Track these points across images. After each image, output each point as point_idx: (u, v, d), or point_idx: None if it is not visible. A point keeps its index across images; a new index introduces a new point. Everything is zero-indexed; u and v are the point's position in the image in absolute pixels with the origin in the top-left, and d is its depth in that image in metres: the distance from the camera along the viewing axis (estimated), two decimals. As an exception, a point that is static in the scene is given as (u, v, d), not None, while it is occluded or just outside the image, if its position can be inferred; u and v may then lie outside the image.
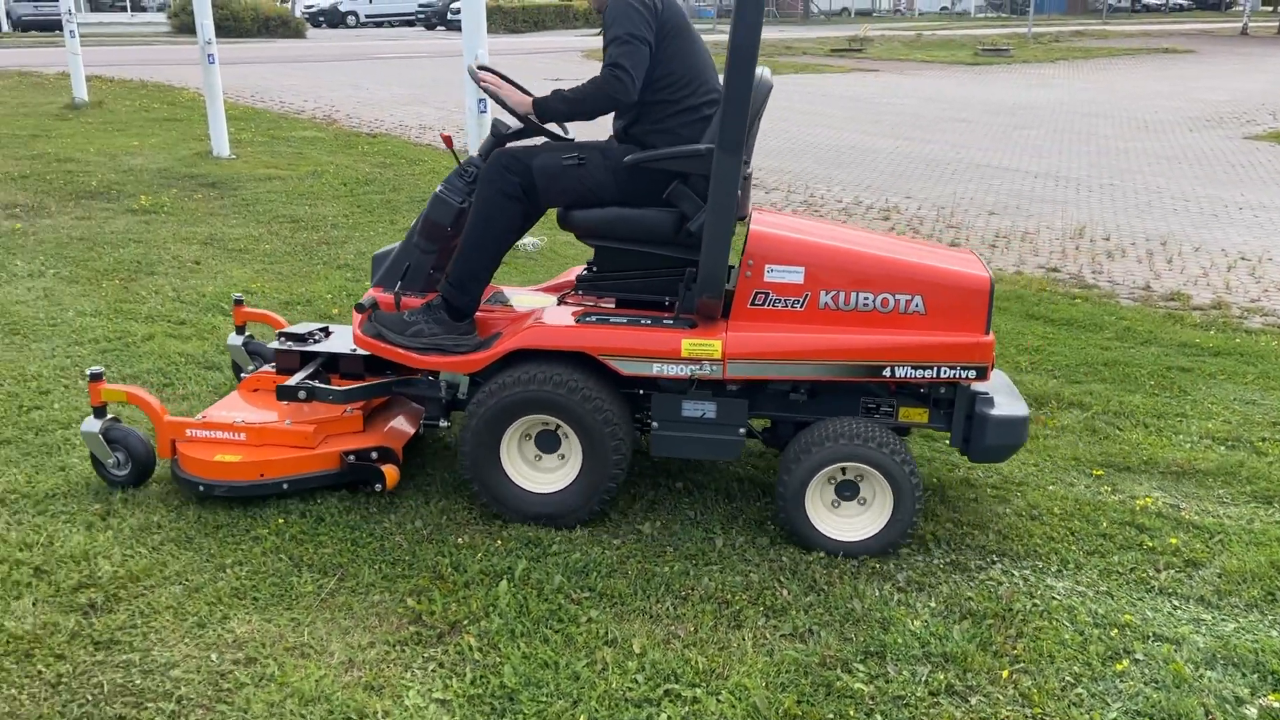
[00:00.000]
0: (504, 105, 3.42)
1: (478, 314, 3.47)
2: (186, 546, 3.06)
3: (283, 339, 3.79)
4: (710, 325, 3.21)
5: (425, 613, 2.78)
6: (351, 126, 12.76)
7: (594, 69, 3.48)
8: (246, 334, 4.15)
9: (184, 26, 35.29)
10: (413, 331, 3.37)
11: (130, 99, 14.15)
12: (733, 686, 2.52)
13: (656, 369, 3.17)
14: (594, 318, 3.32)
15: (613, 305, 3.49)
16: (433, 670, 2.57)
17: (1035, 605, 2.91)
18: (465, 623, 2.75)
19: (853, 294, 3.14)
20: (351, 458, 3.38)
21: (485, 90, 3.45)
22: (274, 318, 4.16)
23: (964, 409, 3.27)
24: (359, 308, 3.50)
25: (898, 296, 3.13)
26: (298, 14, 40.08)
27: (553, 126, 3.56)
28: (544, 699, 2.46)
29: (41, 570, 2.89)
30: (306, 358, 3.72)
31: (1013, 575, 3.08)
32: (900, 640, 2.71)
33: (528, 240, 6.79)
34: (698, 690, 2.51)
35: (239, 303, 4.15)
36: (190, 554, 3.02)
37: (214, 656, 2.58)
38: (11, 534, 3.06)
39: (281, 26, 35.27)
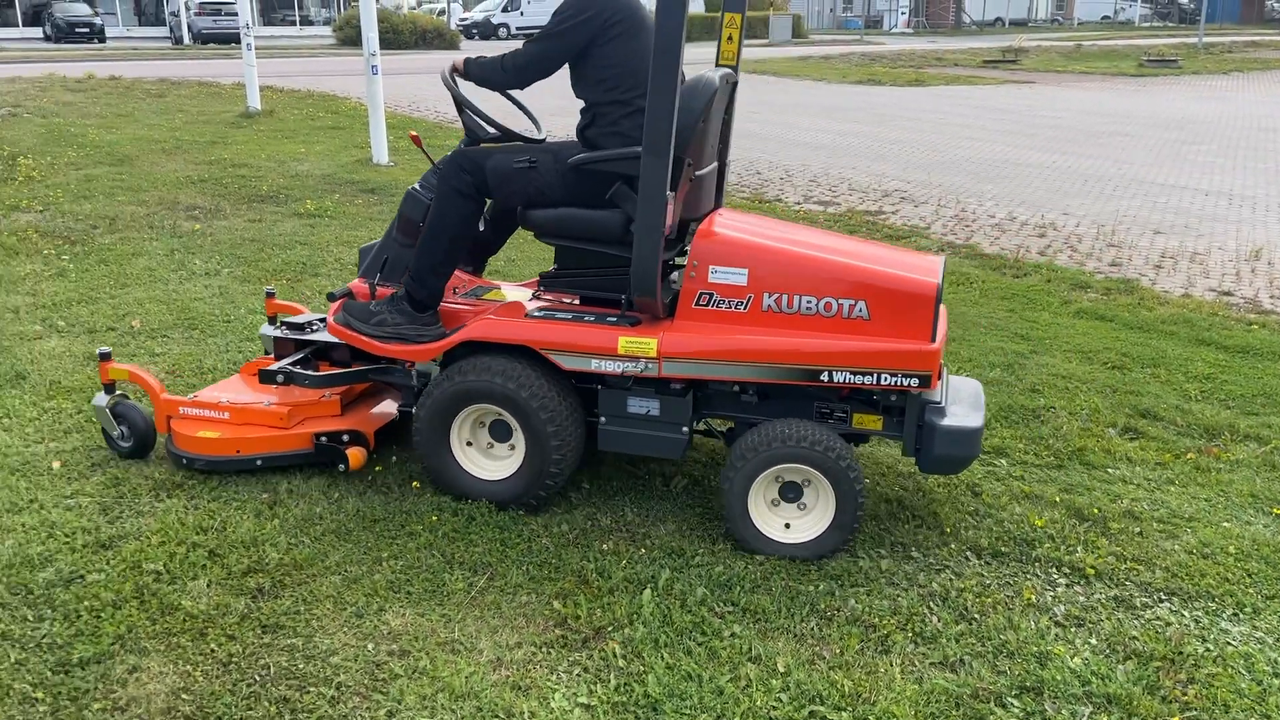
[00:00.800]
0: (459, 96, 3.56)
1: (451, 306, 3.63)
2: (346, 539, 3.18)
3: (283, 327, 4.01)
4: (654, 324, 3.25)
5: (570, 616, 2.82)
6: (502, 136, 13.09)
7: (743, 80, 3.49)
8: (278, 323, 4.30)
9: (347, 39, 36.96)
10: (376, 321, 3.56)
11: (298, 108, 14.90)
12: (880, 713, 2.46)
13: (595, 364, 3.25)
14: (541, 313, 3.42)
15: (576, 302, 3.55)
16: (578, 674, 2.60)
17: (1208, 650, 2.74)
18: (610, 629, 2.77)
19: (796, 297, 3.14)
20: (323, 439, 3.57)
21: (454, 95, 3.54)
22: (298, 308, 4.37)
23: (914, 418, 3.20)
24: (331, 297, 3.76)
25: (841, 301, 3.12)
26: (453, 27, 41.51)
27: (531, 130, 3.71)
28: (687, 711, 2.46)
29: (215, 554, 3.05)
30: (301, 345, 3.92)
31: (1182, 616, 2.91)
32: (1059, 677, 2.60)
33: (672, 250, 6.82)
34: (843, 714, 2.46)
35: (270, 295, 4.36)
36: (349, 546, 3.14)
37: (370, 646, 2.67)
38: (189, 518, 3.25)
39: (437, 39, 36.57)
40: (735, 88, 3.61)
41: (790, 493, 3.19)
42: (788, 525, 3.19)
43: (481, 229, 3.74)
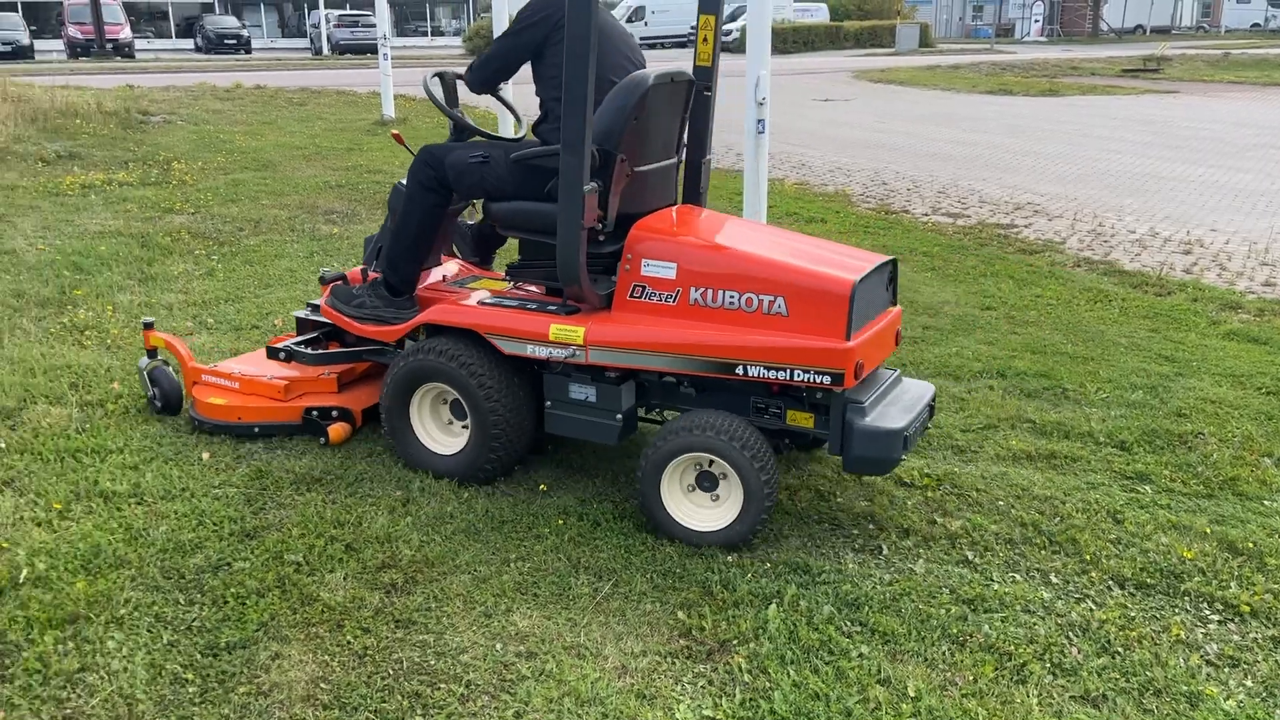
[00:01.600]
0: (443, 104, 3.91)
1: (432, 293, 3.87)
2: (475, 538, 3.24)
3: (307, 308, 4.34)
4: (591, 314, 3.39)
5: (695, 627, 2.80)
6: (626, 145, 13.21)
7: (864, 89, 3.45)
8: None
9: (476, 50, 37.83)
10: (356, 304, 3.89)
11: (430, 116, 15.32)
12: (1016, 745, 2.38)
13: (530, 349, 3.43)
14: (493, 300, 3.65)
15: (542, 291, 3.71)
16: (703, 686, 2.58)
17: (1378, 701, 2.56)
18: (735, 642, 2.74)
19: (720, 292, 3.22)
20: (314, 413, 3.90)
21: (429, 95, 3.85)
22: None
23: (838, 416, 3.20)
24: (322, 280, 4.16)
25: (761, 297, 3.17)
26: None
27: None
28: (814, 731, 2.42)
29: (351, 548, 3.15)
30: (318, 325, 4.23)
31: (1348, 663, 2.72)
32: (1210, 720, 2.46)
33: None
34: (977, 744, 2.38)
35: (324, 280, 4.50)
36: (478, 546, 3.20)
37: (499, 646, 2.71)
38: (328, 511, 3.36)
39: (562, 49, 37.07)
40: (692, 87, 3.68)
41: (706, 482, 3.27)
42: (700, 512, 3.28)
43: (484, 221, 4.01)
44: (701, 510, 3.28)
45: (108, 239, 7.04)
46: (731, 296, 3.21)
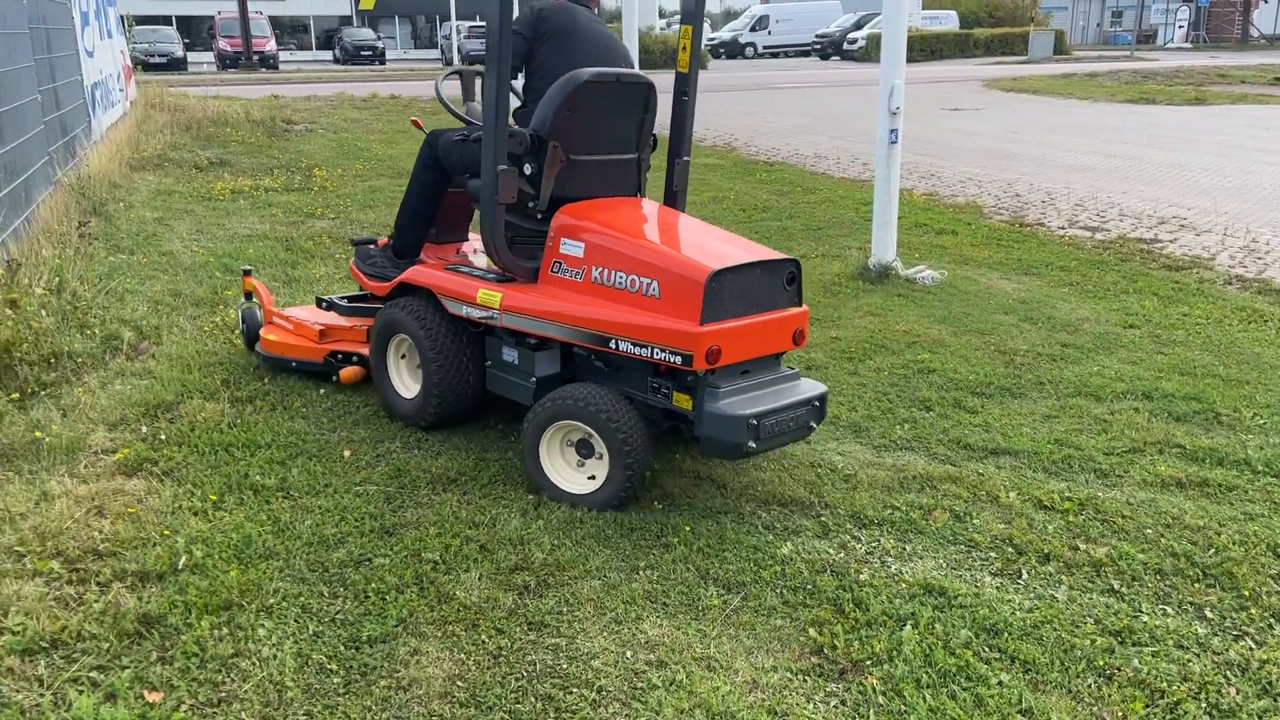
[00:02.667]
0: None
1: (439, 258, 4.36)
2: (605, 544, 3.27)
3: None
4: (521, 284, 3.78)
5: (827, 645, 2.76)
6: (750, 155, 13.18)
7: (995, 97, 3.35)
8: None
9: (600, 59, 38.22)
10: (370, 262, 4.55)
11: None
12: (1170, 788, 2.26)
13: (464, 310, 3.88)
14: (456, 267, 4.12)
15: None
16: (835, 706, 2.54)
17: None
18: (868, 663, 2.69)
19: (613, 272, 3.51)
20: (337, 357, 4.57)
21: (436, 94, 4.41)
22: None
23: (698, 398, 3.40)
24: (353, 243, 4.85)
25: (641, 279, 3.44)
26: (701, 46, 42.08)
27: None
28: (952, 759, 2.35)
29: (486, 548, 3.22)
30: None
31: None
32: (1387, 774, 2.30)
33: (927, 273, 6.62)
34: (1127, 784, 2.28)
35: (353, 243, 5.26)
36: (608, 552, 3.22)
37: (629, 654, 2.73)
38: (463, 512, 3.44)
39: (686, 58, 37.23)
40: (649, 90, 3.96)
41: (584, 449, 3.56)
42: (573, 475, 3.59)
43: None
44: (573, 473, 3.60)
45: (255, 242, 7.38)
46: (621, 277, 3.51)
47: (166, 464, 3.74)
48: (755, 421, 3.30)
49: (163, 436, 3.96)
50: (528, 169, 3.71)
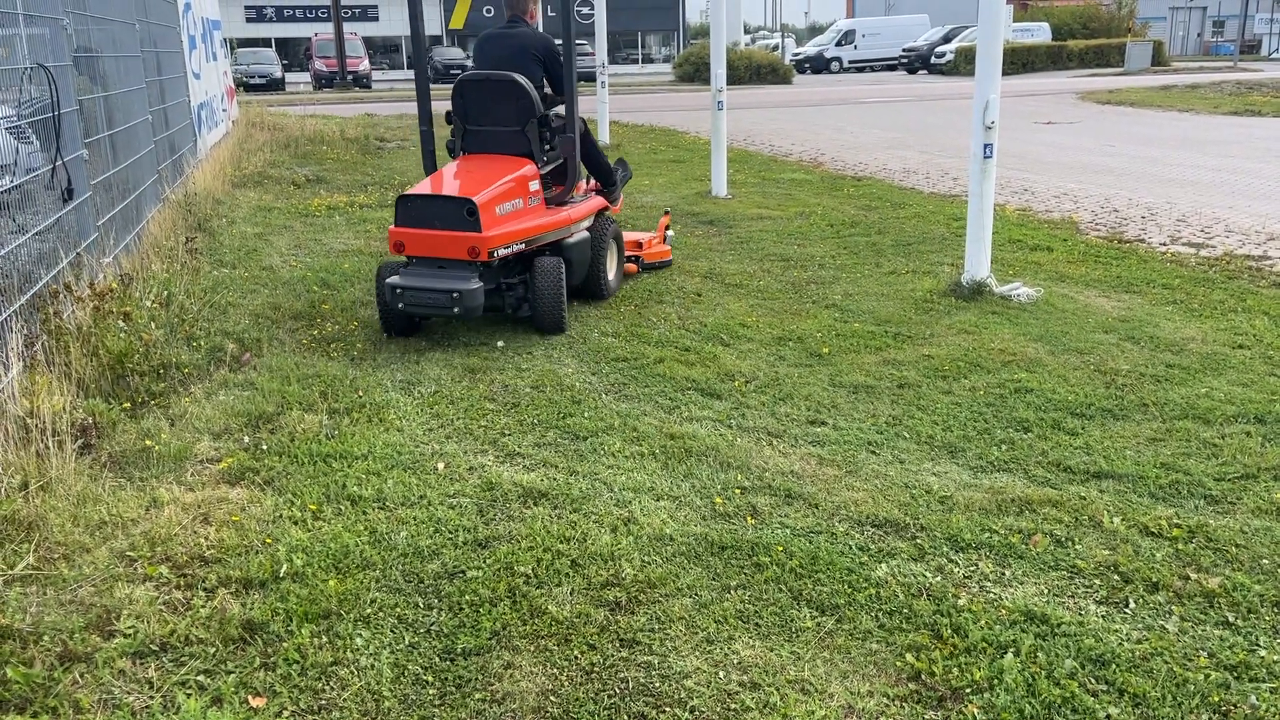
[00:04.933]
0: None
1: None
2: (696, 562, 3.25)
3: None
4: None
5: (925, 672, 2.70)
6: (837, 169, 13.06)
7: (1090, 110, 3.23)
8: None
9: (685, 76, 38.43)
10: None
11: (641, 142, 15.69)
12: (1294, 834, 2.15)
13: None
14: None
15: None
16: (934, 734, 2.48)
17: None
18: (968, 691, 2.62)
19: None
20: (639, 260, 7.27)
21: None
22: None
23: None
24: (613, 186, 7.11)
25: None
26: (786, 61, 42.02)
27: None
28: (1059, 794, 2.27)
29: (577, 563, 3.23)
30: None
31: None
32: None
33: (1022, 290, 6.46)
34: (1247, 828, 2.17)
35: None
36: (699, 570, 3.21)
37: (721, 675, 2.70)
38: (554, 526, 3.46)
39: (771, 73, 37.21)
40: (514, 84, 5.98)
41: None
42: None
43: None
44: None
45: (350, 257, 7.57)
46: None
47: (267, 473, 3.84)
48: (398, 290, 5.38)
49: (264, 446, 4.08)
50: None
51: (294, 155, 13.21)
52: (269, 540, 3.32)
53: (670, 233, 7.72)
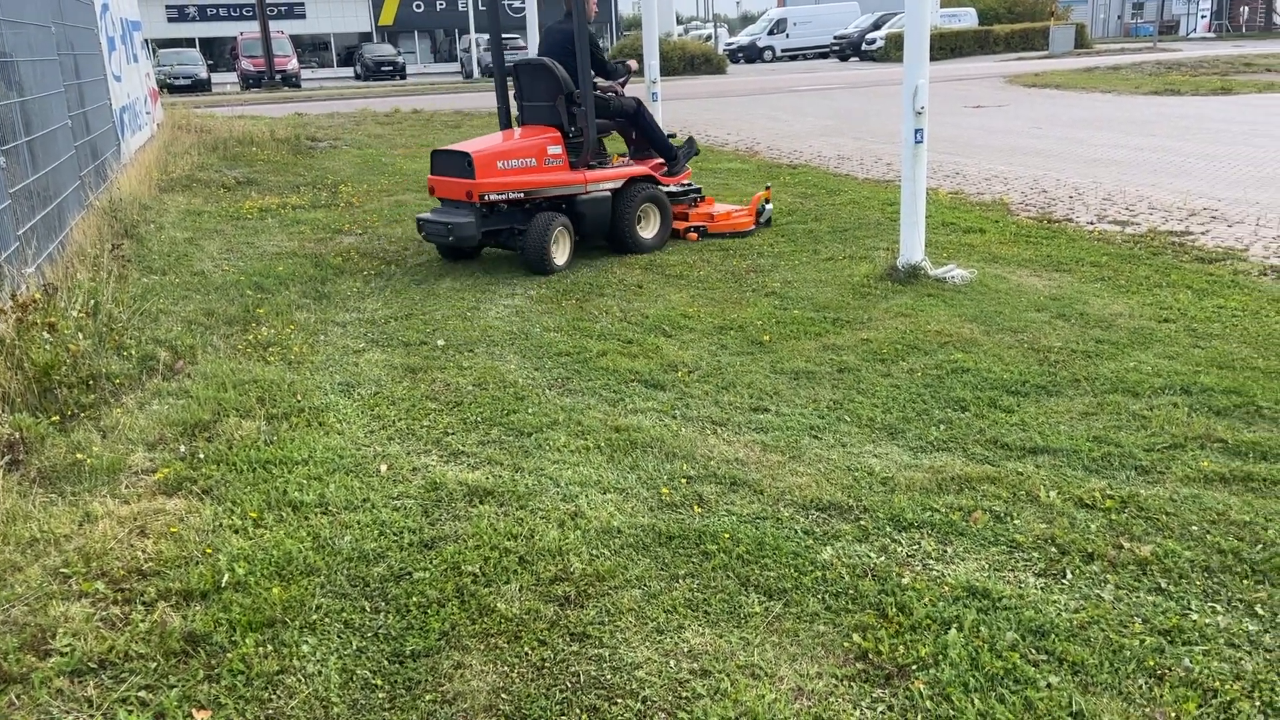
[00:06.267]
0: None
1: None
2: (644, 553, 3.26)
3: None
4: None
5: (871, 651, 2.74)
6: (772, 158, 13.15)
7: (1017, 94, 3.30)
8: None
9: (619, 68, 38.28)
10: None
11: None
12: (1228, 790, 2.23)
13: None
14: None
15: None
16: (882, 712, 2.52)
17: None
18: (914, 668, 2.67)
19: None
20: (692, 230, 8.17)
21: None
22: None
23: None
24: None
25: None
26: (720, 51, 42.17)
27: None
28: (1004, 764, 2.32)
29: (525, 560, 3.22)
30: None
31: None
32: None
33: (957, 272, 6.57)
34: (1184, 786, 2.24)
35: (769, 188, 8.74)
36: (647, 561, 3.22)
37: (672, 663, 2.72)
38: (500, 524, 3.45)
39: (705, 64, 37.28)
40: (553, 69, 7.31)
41: None
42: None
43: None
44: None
45: (284, 260, 7.44)
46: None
47: (206, 482, 3.77)
48: (420, 223, 7.16)
49: (201, 455, 4.00)
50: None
51: (222, 157, 12.95)
52: (209, 550, 3.26)
53: (769, 206, 8.47)
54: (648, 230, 7.69)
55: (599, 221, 7.40)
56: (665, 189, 7.90)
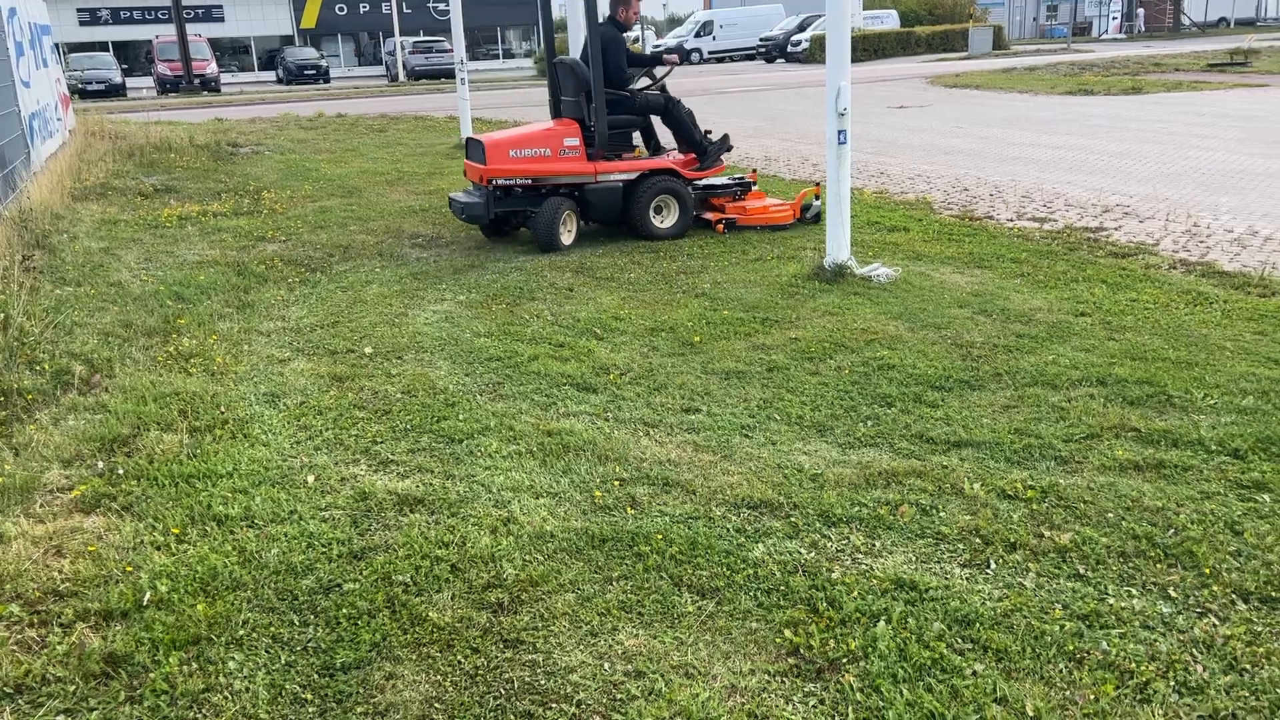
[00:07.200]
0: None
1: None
2: (577, 557, 3.26)
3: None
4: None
5: (803, 646, 2.78)
6: (700, 159, 13.22)
7: (939, 94, 3.38)
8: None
9: (543, 71, 38.27)
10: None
11: (505, 138, 15.56)
12: (1145, 767, 2.30)
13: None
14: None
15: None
16: (814, 706, 2.56)
17: None
18: (844, 661, 2.71)
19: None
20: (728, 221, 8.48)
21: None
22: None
23: None
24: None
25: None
26: (647, 53, 42.18)
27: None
28: (932, 752, 2.37)
29: (457, 568, 3.20)
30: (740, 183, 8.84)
31: None
32: (1351, 741, 2.35)
33: (882, 271, 6.68)
34: (1103, 766, 2.31)
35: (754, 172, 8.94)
36: (581, 564, 3.22)
37: (606, 666, 2.72)
38: (431, 532, 3.42)
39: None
40: (573, 66, 8.13)
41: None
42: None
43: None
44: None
45: (206, 269, 7.28)
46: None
47: (125, 499, 3.67)
48: (451, 199, 8.14)
49: (120, 471, 3.89)
50: None
51: (139, 164, 12.61)
52: (129, 568, 3.18)
53: (817, 202, 8.56)
54: (666, 220, 8.22)
55: (607, 208, 8.06)
56: (703, 182, 8.52)
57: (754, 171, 9.11)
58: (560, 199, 7.86)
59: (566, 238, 7.95)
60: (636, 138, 8.54)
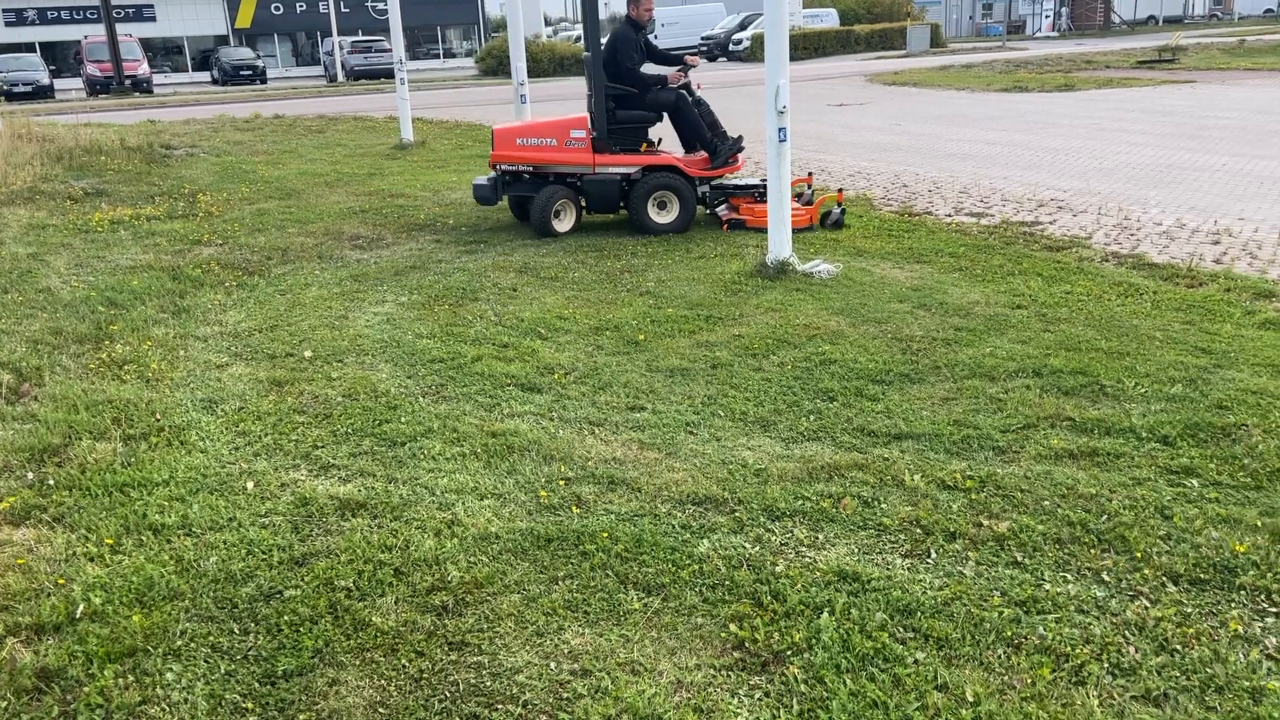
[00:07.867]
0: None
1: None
2: (522, 557, 3.25)
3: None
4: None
5: (748, 640, 2.80)
6: (643, 158, 13.24)
7: (878, 92, 3.44)
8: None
9: (489, 70, 38.12)
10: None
11: (448, 138, 15.44)
12: (1081, 748, 2.35)
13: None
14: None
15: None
16: (759, 699, 2.58)
17: None
18: (789, 653, 2.74)
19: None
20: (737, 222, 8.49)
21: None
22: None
23: None
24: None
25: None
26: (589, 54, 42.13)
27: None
28: (875, 740, 2.41)
29: (400, 572, 3.17)
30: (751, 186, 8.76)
31: None
32: (1276, 715, 2.43)
33: (823, 267, 6.75)
34: (1041, 748, 2.36)
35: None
36: (526, 565, 3.21)
37: (552, 665, 2.72)
38: (374, 536, 3.38)
39: (575, 65, 37.25)
40: (589, 61, 8.32)
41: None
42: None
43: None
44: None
45: (139, 273, 7.13)
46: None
47: (57, 510, 3.58)
48: (476, 184, 8.49)
49: (51, 481, 3.80)
50: None
51: (68, 167, 12.31)
52: (61, 580, 3.10)
53: (839, 209, 8.46)
54: (667, 216, 8.35)
55: (605, 199, 8.33)
56: (729, 181, 8.72)
57: (810, 175, 9.11)
58: (555, 187, 8.20)
59: (561, 225, 8.25)
60: (658, 132, 8.62)
